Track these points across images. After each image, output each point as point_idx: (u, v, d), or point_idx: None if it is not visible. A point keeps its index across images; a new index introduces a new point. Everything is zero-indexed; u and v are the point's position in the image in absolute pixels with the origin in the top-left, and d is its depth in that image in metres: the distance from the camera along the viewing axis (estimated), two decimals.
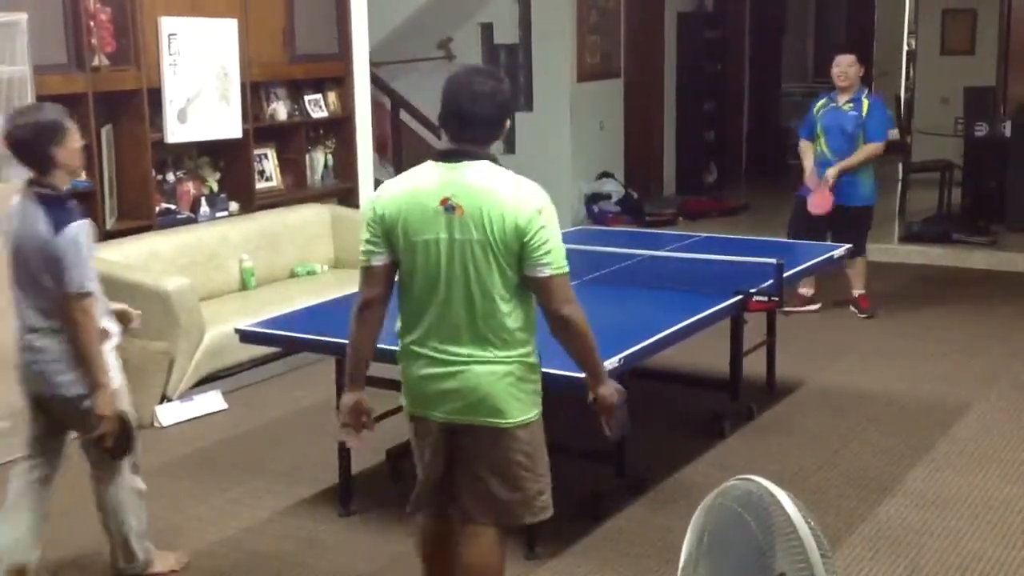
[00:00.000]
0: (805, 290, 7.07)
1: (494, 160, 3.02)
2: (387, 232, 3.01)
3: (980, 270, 8.40)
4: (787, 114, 13.99)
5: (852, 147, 6.79)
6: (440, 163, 3.01)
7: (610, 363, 3.75)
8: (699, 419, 5.22)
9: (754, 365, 5.57)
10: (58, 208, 3.47)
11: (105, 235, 5.94)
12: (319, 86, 7.44)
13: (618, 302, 4.85)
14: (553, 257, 2.94)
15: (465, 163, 2.98)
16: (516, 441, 3.09)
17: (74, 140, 3.53)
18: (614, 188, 10.43)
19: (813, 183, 6.82)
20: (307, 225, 7.01)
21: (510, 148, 10.39)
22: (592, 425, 3.21)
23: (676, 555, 2.54)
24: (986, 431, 5.15)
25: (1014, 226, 9.11)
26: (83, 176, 3.62)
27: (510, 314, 3.00)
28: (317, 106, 7.40)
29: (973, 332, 6.75)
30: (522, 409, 3.07)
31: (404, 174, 3.11)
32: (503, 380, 3.03)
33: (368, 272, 3.08)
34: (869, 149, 6.77)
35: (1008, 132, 9.31)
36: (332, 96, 7.50)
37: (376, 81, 8.87)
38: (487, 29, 10.53)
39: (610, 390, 3.13)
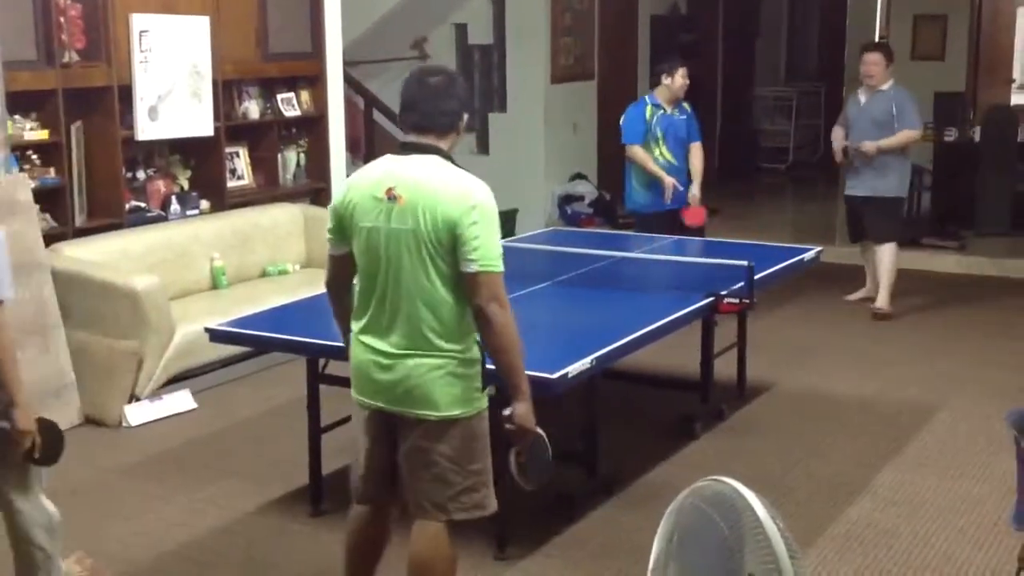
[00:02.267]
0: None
1: (447, 156, 3.07)
2: (340, 221, 3.10)
3: (949, 274, 8.46)
4: (759, 117, 14.08)
5: (684, 152, 7.00)
6: (394, 155, 3.09)
7: (582, 364, 3.77)
8: (670, 420, 5.23)
9: (725, 367, 5.59)
10: None
11: (74, 233, 5.90)
12: (292, 85, 7.41)
13: (590, 303, 4.86)
14: (481, 254, 2.94)
15: (414, 156, 3.06)
16: (444, 435, 3.07)
17: None
18: (587, 190, 10.44)
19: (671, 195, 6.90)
20: (279, 224, 6.98)
21: (484, 149, 10.39)
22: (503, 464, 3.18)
23: (646, 555, 2.54)
24: (954, 434, 5.19)
25: (983, 231, 9.19)
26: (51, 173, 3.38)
27: (444, 307, 3.00)
28: (290, 105, 7.36)
29: (942, 336, 6.80)
30: (454, 403, 3.06)
31: (365, 166, 3.17)
32: (433, 373, 3.03)
33: (330, 259, 3.20)
34: (699, 151, 7.04)
35: (977, 138, 9.41)
36: (305, 95, 7.46)
37: (349, 80, 8.84)
38: (461, 29, 10.52)
39: (527, 411, 3.07)
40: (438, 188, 2.98)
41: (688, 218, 6.93)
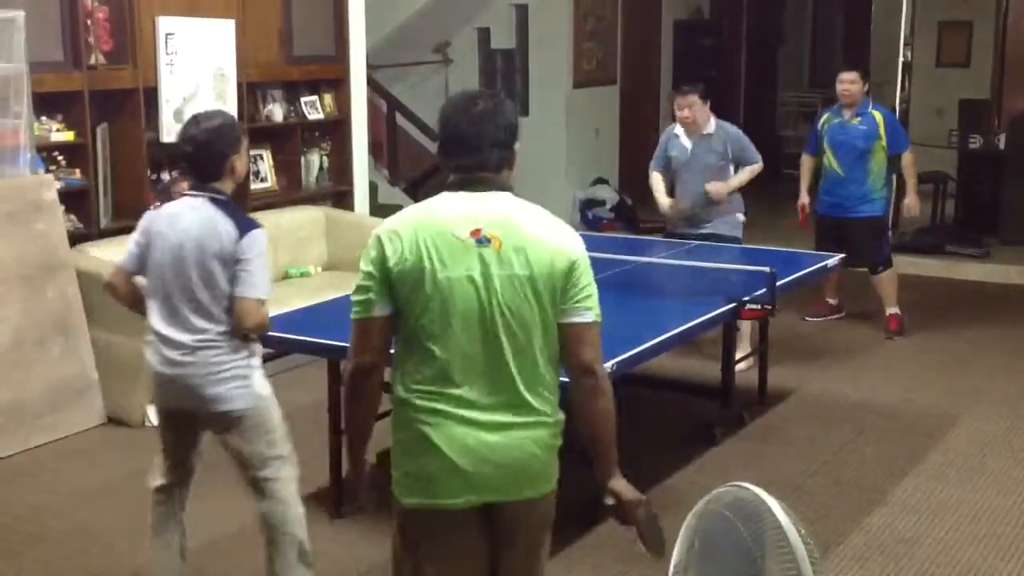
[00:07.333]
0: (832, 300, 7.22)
1: (512, 192, 2.63)
2: (388, 272, 2.49)
3: (973, 282, 8.42)
4: (783, 123, 14.05)
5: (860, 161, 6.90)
6: (459, 192, 2.56)
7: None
8: (691, 426, 5.22)
9: (746, 373, 5.58)
10: (238, 212, 3.45)
11: (99, 233, 5.94)
12: (315, 88, 7.44)
13: (611, 308, 4.80)
14: (595, 302, 2.59)
15: (485, 192, 2.55)
16: (548, 511, 2.69)
17: (246, 150, 3.60)
18: (608, 194, 10.44)
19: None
20: (301, 227, 7.01)
21: None
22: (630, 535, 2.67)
23: (667, 561, 2.55)
24: (976, 442, 5.16)
25: (1007, 238, 9.14)
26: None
27: (547, 364, 2.58)
28: (313, 108, 7.39)
29: (964, 344, 6.76)
30: (555, 473, 2.67)
31: (414, 207, 2.61)
32: (541, 442, 2.59)
33: (366, 327, 2.54)
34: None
35: (1002, 145, 9.36)
36: (328, 98, 7.49)
37: (372, 84, 8.87)
38: (484, 34, 10.54)
39: (626, 486, 2.63)
40: (541, 230, 2.55)
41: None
